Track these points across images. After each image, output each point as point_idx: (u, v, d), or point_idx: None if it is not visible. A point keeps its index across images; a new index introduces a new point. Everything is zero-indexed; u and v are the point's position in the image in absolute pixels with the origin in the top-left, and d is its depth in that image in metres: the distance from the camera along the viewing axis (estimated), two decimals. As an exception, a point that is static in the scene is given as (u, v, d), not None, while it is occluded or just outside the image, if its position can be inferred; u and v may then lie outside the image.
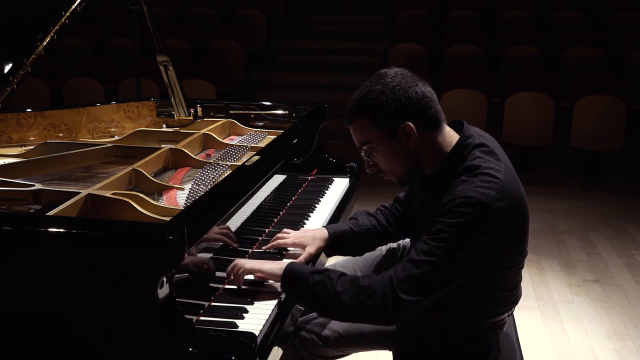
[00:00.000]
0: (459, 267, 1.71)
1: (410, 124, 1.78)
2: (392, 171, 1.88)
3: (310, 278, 1.77)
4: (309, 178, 2.90)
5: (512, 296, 1.96)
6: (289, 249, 2.13)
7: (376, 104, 1.78)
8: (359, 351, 2.09)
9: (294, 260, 1.97)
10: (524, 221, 1.82)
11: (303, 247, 2.10)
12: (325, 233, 2.15)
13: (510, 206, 1.73)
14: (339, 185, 2.86)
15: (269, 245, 2.12)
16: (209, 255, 1.88)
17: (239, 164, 2.33)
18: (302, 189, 2.76)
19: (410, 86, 1.78)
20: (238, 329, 1.66)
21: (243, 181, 2.10)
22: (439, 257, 1.68)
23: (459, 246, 1.69)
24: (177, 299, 1.58)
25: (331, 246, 2.15)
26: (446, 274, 1.71)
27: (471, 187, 1.70)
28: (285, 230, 2.18)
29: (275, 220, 2.39)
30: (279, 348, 1.95)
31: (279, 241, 2.12)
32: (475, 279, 1.79)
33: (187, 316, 1.61)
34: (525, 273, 2.11)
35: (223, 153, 2.65)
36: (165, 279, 1.52)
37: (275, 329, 1.76)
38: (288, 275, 1.82)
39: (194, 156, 2.58)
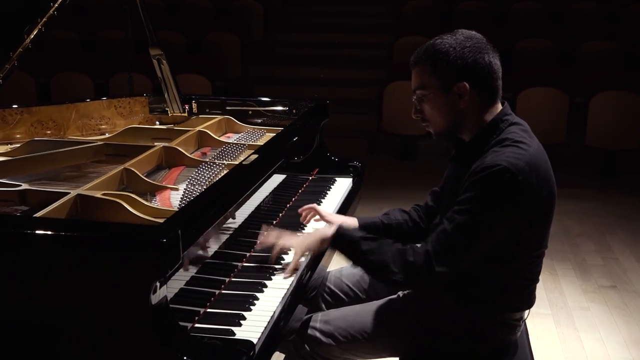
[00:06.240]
0: (489, 236, 1.85)
1: (467, 85, 1.90)
2: (434, 123, 2.00)
3: (363, 245, 1.97)
4: (310, 178, 2.90)
5: (529, 292, 2.04)
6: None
7: (443, 55, 1.91)
8: (363, 355, 2.10)
9: (344, 221, 2.24)
10: (550, 199, 1.91)
11: None
12: (355, 223, 2.28)
13: (537, 178, 1.84)
14: (342, 186, 2.86)
15: (306, 214, 2.38)
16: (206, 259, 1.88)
17: (236, 163, 2.34)
18: (302, 189, 2.76)
19: (481, 51, 1.91)
20: (235, 337, 1.66)
21: (240, 181, 2.10)
22: (471, 228, 1.82)
23: (489, 216, 1.82)
24: (171, 305, 1.59)
25: None
26: (478, 244, 1.85)
27: (501, 157, 1.82)
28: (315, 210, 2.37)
29: (274, 222, 2.39)
30: (280, 353, 1.95)
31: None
32: (500, 259, 1.90)
33: (181, 323, 1.61)
34: (537, 278, 2.14)
35: (219, 151, 2.65)
36: (158, 283, 1.52)
37: (274, 336, 1.76)
38: (339, 237, 2.03)
39: (188, 155, 2.58)
